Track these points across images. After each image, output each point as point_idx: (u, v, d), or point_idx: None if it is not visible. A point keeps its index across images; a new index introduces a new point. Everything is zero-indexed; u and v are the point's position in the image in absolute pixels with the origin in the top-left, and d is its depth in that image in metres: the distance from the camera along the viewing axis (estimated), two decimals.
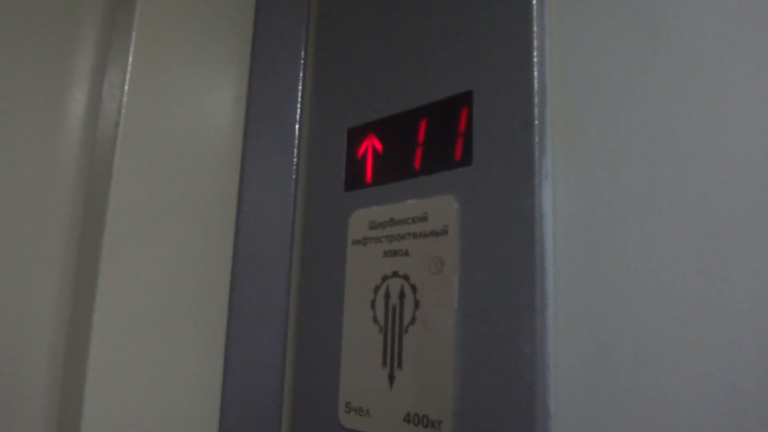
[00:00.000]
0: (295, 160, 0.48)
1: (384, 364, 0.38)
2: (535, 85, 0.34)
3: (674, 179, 0.29)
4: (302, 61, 0.50)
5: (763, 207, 0.26)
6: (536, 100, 0.34)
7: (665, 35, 0.31)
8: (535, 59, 0.34)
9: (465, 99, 0.37)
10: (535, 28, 0.34)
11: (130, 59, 0.42)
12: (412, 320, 0.37)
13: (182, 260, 0.44)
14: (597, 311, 0.31)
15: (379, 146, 0.42)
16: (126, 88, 0.42)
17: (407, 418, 0.36)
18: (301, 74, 0.50)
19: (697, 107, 0.29)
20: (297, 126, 0.49)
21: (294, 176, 0.48)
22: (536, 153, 0.33)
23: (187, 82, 0.46)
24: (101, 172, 0.43)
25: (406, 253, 0.39)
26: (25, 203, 0.43)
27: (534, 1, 0.35)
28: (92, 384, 0.39)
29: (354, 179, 0.44)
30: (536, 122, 0.33)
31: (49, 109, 0.45)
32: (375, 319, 0.39)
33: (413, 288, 0.38)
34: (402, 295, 0.38)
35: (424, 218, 0.38)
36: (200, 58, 0.47)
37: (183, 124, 0.45)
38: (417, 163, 0.39)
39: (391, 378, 0.38)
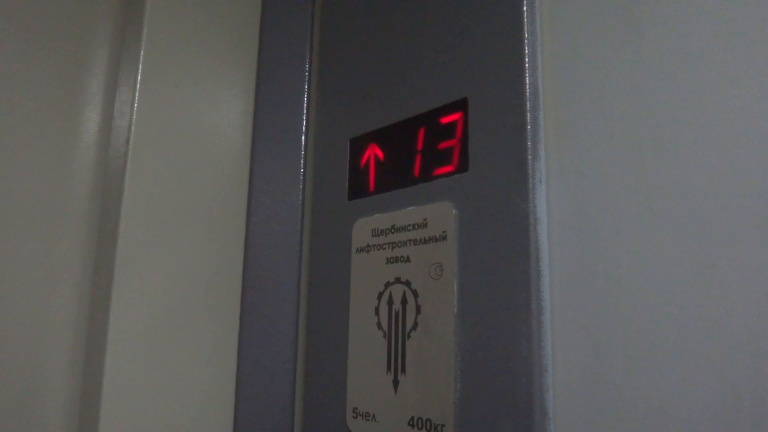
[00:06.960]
0: (302, 171, 0.49)
1: (388, 369, 0.39)
2: (527, 91, 0.34)
3: (665, 180, 0.29)
4: (306, 75, 0.51)
5: (754, 205, 0.26)
6: (528, 105, 0.34)
7: (652, 39, 0.31)
8: (527, 65, 0.35)
9: (460, 106, 0.38)
10: (526, 35, 0.35)
11: (139, 77, 0.44)
12: (414, 325, 0.38)
13: (194, 271, 0.45)
14: (592, 313, 0.31)
15: (380, 155, 0.43)
16: (135, 106, 0.43)
17: (411, 423, 0.37)
18: (306, 87, 0.51)
19: (685, 109, 0.29)
20: (303, 138, 0.50)
21: (301, 186, 0.49)
22: (529, 157, 0.33)
23: (194, 98, 0.47)
24: (114, 186, 0.44)
25: (408, 260, 0.39)
26: (43, 217, 0.45)
27: (525, 8, 0.35)
28: (108, 390, 0.40)
29: (357, 188, 0.44)
30: (529, 127, 0.34)
31: (65, 129, 0.47)
32: (379, 325, 0.40)
33: (415, 294, 0.38)
34: (404, 301, 0.39)
35: (423, 225, 0.39)
36: (207, 75, 0.49)
37: (192, 138, 0.47)
38: (416, 170, 0.40)
39: (396, 383, 0.38)
